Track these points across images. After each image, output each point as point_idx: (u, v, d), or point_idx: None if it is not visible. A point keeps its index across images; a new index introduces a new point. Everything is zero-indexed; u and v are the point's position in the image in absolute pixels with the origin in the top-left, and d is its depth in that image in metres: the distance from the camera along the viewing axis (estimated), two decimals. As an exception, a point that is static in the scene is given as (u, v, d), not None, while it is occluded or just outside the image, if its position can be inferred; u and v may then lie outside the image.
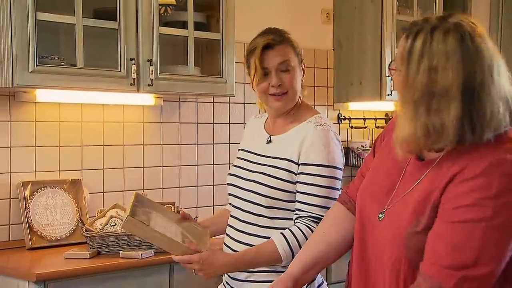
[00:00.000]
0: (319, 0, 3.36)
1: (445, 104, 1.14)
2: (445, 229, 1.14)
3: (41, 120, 2.51)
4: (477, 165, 1.14)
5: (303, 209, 1.66)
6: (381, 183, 1.31)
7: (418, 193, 1.21)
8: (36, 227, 2.38)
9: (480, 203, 1.11)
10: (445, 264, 1.12)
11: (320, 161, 1.66)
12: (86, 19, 2.30)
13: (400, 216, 1.22)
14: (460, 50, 1.14)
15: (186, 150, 2.91)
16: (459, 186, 1.15)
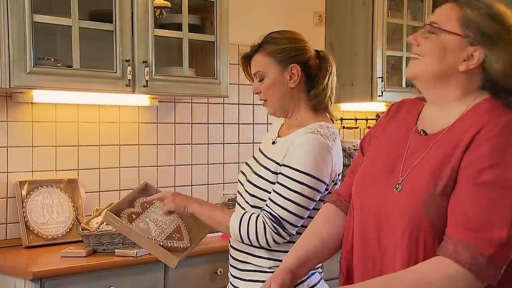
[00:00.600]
0: (312, 3, 3.40)
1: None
2: (473, 191, 1.14)
3: (38, 121, 2.52)
4: (495, 124, 1.17)
5: (267, 205, 1.66)
6: (381, 166, 1.31)
7: (432, 159, 1.22)
8: (33, 225, 2.40)
9: (504, 162, 1.13)
10: (480, 227, 1.12)
11: (296, 165, 1.64)
12: (82, 21, 2.31)
13: (416, 183, 1.22)
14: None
15: (180, 150, 2.93)
16: (480, 147, 1.16)
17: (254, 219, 1.67)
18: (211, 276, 2.43)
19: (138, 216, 1.90)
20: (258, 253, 1.71)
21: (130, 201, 1.94)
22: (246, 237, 1.67)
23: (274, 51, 1.73)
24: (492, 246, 1.11)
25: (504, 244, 1.11)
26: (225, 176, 3.08)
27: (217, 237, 2.55)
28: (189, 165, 2.97)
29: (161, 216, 1.90)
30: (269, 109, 1.79)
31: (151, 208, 1.94)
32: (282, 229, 1.64)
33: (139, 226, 1.86)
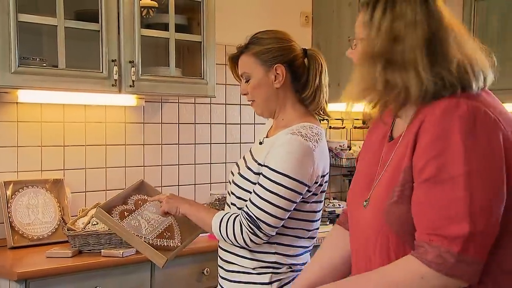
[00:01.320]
0: (298, 3, 3.41)
1: (408, 59, 1.14)
2: (423, 190, 1.11)
3: (23, 121, 2.51)
4: (431, 114, 1.12)
5: (246, 205, 1.66)
6: (362, 178, 1.31)
7: (390, 167, 1.20)
8: (18, 226, 2.38)
9: (444, 152, 1.08)
10: (439, 226, 1.08)
11: (273, 165, 1.63)
12: (68, 21, 2.30)
13: (377, 195, 1.21)
14: (425, 7, 1.18)
15: (167, 150, 2.92)
16: (422, 138, 1.12)
17: (232, 220, 1.67)
18: (198, 276, 2.43)
19: (130, 213, 1.90)
20: (241, 253, 1.71)
21: (124, 198, 1.95)
22: (226, 237, 1.68)
23: (259, 51, 1.72)
24: (458, 243, 1.07)
25: (470, 238, 1.07)
26: (212, 176, 3.08)
27: (205, 237, 2.55)
28: (176, 165, 2.96)
29: (154, 214, 1.91)
30: (256, 109, 1.79)
31: (145, 206, 1.95)
32: (258, 230, 1.63)
33: (130, 224, 1.86)
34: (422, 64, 1.14)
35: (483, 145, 1.09)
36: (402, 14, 1.15)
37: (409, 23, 1.15)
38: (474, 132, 1.09)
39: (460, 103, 1.11)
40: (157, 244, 1.85)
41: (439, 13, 1.18)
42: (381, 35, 1.16)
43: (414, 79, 1.14)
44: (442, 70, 1.14)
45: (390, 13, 1.16)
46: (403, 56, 1.14)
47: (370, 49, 1.17)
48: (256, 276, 1.69)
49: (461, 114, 1.10)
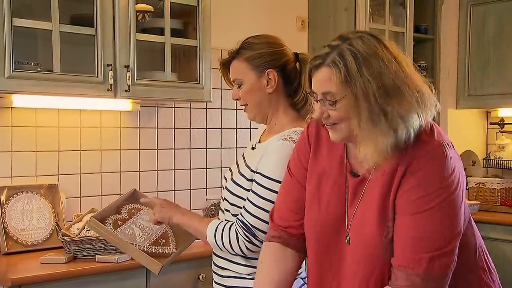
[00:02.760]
0: (295, 8, 3.41)
1: (400, 94, 1.19)
2: (406, 222, 1.21)
3: (18, 125, 2.49)
4: (421, 156, 1.22)
5: (241, 213, 1.66)
6: (335, 212, 1.33)
7: (372, 203, 1.26)
8: (12, 232, 2.36)
9: (431, 191, 1.20)
10: (413, 255, 1.19)
11: (266, 172, 1.63)
12: (63, 25, 2.29)
13: (365, 232, 1.26)
14: (381, 44, 1.22)
15: (163, 155, 2.91)
16: (410, 179, 1.22)
17: (227, 228, 1.66)
18: (194, 282, 2.42)
19: (124, 222, 1.89)
20: (236, 260, 1.71)
21: (117, 208, 1.94)
22: (222, 245, 1.67)
23: (250, 57, 1.71)
24: (422, 263, 1.18)
25: (435, 258, 1.18)
26: (208, 181, 3.07)
27: (200, 242, 2.53)
28: (172, 170, 2.95)
29: (148, 222, 1.90)
30: (249, 114, 1.78)
31: (138, 214, 1.94)
32: (254, 237, 1.63)
33: (124, 232, 1.86)
34: (412, 96, 1.20)
35: (452, 178, 1.21)
36: (371, 56, 1.19)
37: (383, 61, 1.19)
38: (448, 170, 1.21)
39: (438, 145, 1.22)
40: (152, 251, 1.84)
41: (391, 46, 1.24)
42: (370, 86, 1.18)
43: (414, 111, 1.20)
44: (424, 98, 1.22)
45: (363, 60, 1.19)
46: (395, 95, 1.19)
47: (369, 104, 1.18)
48: (250, 281, 1.68)
49: (439, 156, 1.21)
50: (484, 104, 3.93)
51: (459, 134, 3.92)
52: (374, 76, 1.18)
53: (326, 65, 1.22)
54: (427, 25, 3.81)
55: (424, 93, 1.22)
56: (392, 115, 1.18)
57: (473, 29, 3.92)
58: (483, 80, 3.87)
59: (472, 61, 3.91)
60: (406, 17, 3.49)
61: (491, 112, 4.10)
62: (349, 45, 1.21)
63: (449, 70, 3.94)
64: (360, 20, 3.25)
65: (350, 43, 1.21)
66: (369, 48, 1.20)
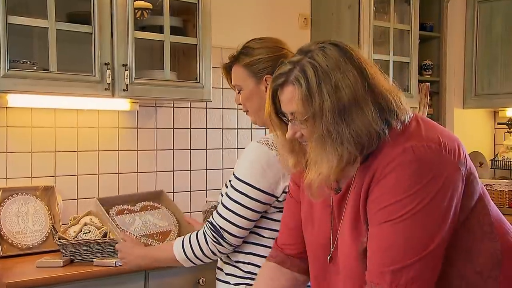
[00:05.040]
0: (297, 5, 3.38)
1: (358, 109, 1.15)
2: (372, 234, 1.17)
3: (13, 126, 2.48)
4: (386, 163, 1.15)
5: (212, 215, 1.65)
6: (321, 231, 1.32)
7: (348, 219, 1.23)
8: (7, 235, 2.34)
9: (396, 200, 1.13)
10: (378, 268, 1.14)
11: (238, 174, 1.62)
12: (59, 23, 2.27)
13: (345, 251, 1.24)
14: (343, 53, 1.18)
15: (162, 156, 2.90)
16: (375, 189, 1.17)
17: (194, 235, 1.66)
18: (193, 286, 2.40)
19: (130, 213, 1.93)
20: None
21: (135, 201, 1.98)
22: (193, 255, 1.65)
23: (249, 63, 1.70)
24: (385, 278, 1.12)
25: (398, 272, 1.11)
26: (208, 182, 3.05)
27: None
28: (171, 171, 2.93)
29: (157, 219, 1.93)
30: (251, 118, 1.78)
31: (152, 212, 1.97)
32: (222, 239, 1.62)
33: (123, 220, 1.88)
34: (372, 106, 1.16)
35: (427, 186, 1.13)
36: (331, 68, 1.16)
37: (342, 72, 1.16)
38: (420, 177, 1.13)
39: (405, 149, 1.14)
40: (140, 240, 1.86)
41: (359, 59, 1.19)
42: (327, 100, 1.15)
43: (372, 123, 1.16)
44: (388, 105, 1.18)
45: (322, 73, 1.15)
46: (354, 106, 1.15)
47: (324, 118, 1.15)
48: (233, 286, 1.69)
49: (409, 160, 1.13)
50: (492, 103, 3.91)
51: (466, 134, 3.89)
52: (331, 92, 1.14)
53: (289, 82, 1.19)
54: (433, 22, 3.78)
55: (390, 101, 1.18)
56: (342, 136, 1.15)
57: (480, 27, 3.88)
58: (491, 79, 3.84)
59: (479, 59, 3.88)
60: (411, 15, 3.46)
61: (499, 112, 4.08)
62: (310, 58, 1.18)
63: (456, 69, 3.91)
64: (364, 17, 3.21)
65: (311, 56, 1.18)
66: (330, 60, 1.16)
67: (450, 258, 1.19)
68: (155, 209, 1.98)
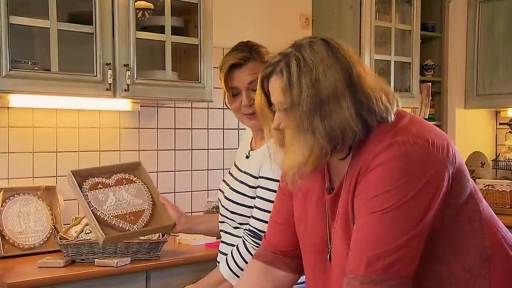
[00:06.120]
0: (298, 5, 3.38)
1: (336, 104, 1.16)
2: (357, 225, 1.17)
3: (14, 126, 2.48)
4: (370, 158, 1.16)
5: (249, 222, 1.65)
6: (317, 230, 1.31)
7: (341, 219, 1.23)
8: (9, 235, 2.33)
9: (380, 193, 1.13)
10: (355, 258, 1.14)
11: (268, 174, 1.61)
12: (60, 23, 2.26)
13: (337, 249, 1.23)
14: (330, 50, 1.19)
15: (163, 156, 2.89)
16: (360, 184, 1.17)
17: (235, 248, 1.65)
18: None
19: (104, 187, 1.89)
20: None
21: (109, 173, 1.94)
22: (238, 268, 1.64)
23: (266, 58, 1.65)
24: (361, 265, 1.11)
25: (373, 258, 1.11)
26: (210, 182, 3.04)
27: (202, 245, 2.51)
28: (172, 171, 2.93)
29: (131, 196, 1.90)
30: (259, 121, 1.69)
31: (126, 186, 1.92)
32: None
33: (96, 196, 1.85)
34: (350, 105, 1.17)
35: (412, 181, 1.13)
36: (315, 64, 1.18)
37: (324, 69, 1.17)
38: (406, 171, 1.13)
39: (391, 144, 1.15)
40: (111, 222, 1.84)
41: (343, 52, 1.21)
42: (304, 93, 1.17)
43: (349, 121, 1.17)
44: (369, 104, 1.18)
45: (304, 67, 1.18)
46: (331, 103, 1.17)
47: (300, 111, 1.18)
48: None
49: (393, 155, 1.14)
50: (493, 104, 3.89)
51: (468, 134, 3.88)
52: (310, 85, 1.16)
53: (275, 73, 1.22)
54: (434, 22, 3.77)
55: (371, 100, 1.18)
56: (315, 129, 1.16)
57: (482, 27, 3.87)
58: (492, 79, 3.82)
59: (481, 59, 3.87)
60: (412, 15, 3.45)
61: (501, 112, 4.06)
62: (297, 51, 1.20)
63: (457, 69, 3.90)
64: (366, 18, 3.20)
65: (299, 49, 1.21)
66: (315, 55, 1.19)
67: (439, 255, 1.19)
68: (130, 183, 1.93)
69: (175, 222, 1.92)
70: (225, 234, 1.78)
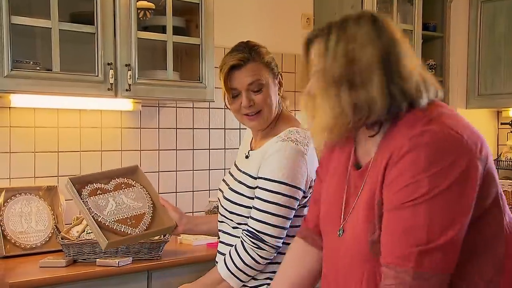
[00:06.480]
0: (299, 5, 3.37)
1: (368, 78, 1.17)
2: (391, 217, 1.15)
3: (16, 126, 2.47)
4: (402, 144, 1.15)
5: (247, 223, 1.65)
6: (333, 204, 1.32)
7: (364, 198, 1.22)
8: (10, 235, 2.33)
9: (414, 180, 1.12)
10: (400, 250, 1.12)
11: (269, 175, 1.61)
12: (62, 23, 2.26)
13: (356, 227, 1.23)
14: (374, 27, 1.21)
15: (165, 156, 2.89)
16: (392, 170, 1.16)
17: (233, 249, 1.66)
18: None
19: (103, 193, 1.89)
20: None
21: (108, 178, 1.94)
22: (236, 268, 1.65)
23: (268, 61, 1.70)
24: (411, 259, 1.10)
25: (423, 253, 1.10)
26: (211, 182, 3.04)
27: (203, 245, 2.51)
28: (174, 171, 2.92)
29: (131, 200, 1.90)
30: (259, 122, 1.72)
31: (125, 190, 1.93)
32: (262, 243, 1.61)
33: (96, 202, 1.85)
34: (381, 82, 1.17)
35: (446, 169, 1.11)
36: (354, 37, 1.20)
37: (362, 44, 1.19)
38: (439, 159, 1.12)
39: (424, 131, 1.14)
40: (112, 227, 1.84)
41: (389, 31, 1.23)
42: (338, 61, 1.20)
43: (376, 98, 1.18)
44: (401, 85, 1.18)
45: (343, 38, 1.21)
46: (361, 76, 1.18)
47: (330, 76, 1.20)
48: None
49: (426, 142, 1.13)
50: (495, 103, 3.88)
51: (469, 134, 3.86)
52: (345, 55, 1.19)
53: (317, 38, 1.26)
54: (436, 22, 3.76)
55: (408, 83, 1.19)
56: (345, 99, 1.18)
57: (483, 27, 3.86)
58: (494, 79, 3.82)
59: (483, 59, 3.86)
60: (414, 15, 3.45)
61: (502, 112, 4.06)
62: (342, 22, 1.23)
63: (459, 69, 3.89)
64: (367, 17, 3.19)
65: (344, 21, 1.24)
66: (358, 29, 1.21)
67: None
68: (129, 187, 1.94)
69: (177, 224, 1.92)
70: (224, 234, 1.78)
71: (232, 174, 1.79)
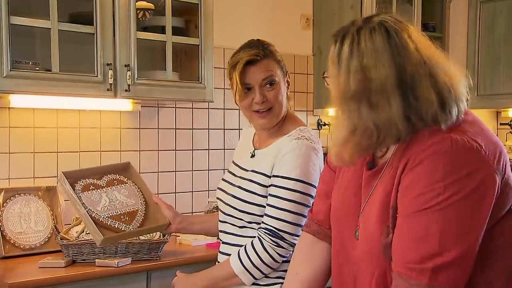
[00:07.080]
0: (299, 5, 3.37)
1: (384, 99, 1.13)
2: (404, 223, 1.13)
3: (15, 126, 2.47)
4: (421, 150, 1.12)
5: (263, 221, 1.65)
6: (349, 201, 1.30)
7: (376, 200, 1.20)
8: (9, 235, 2.33)
9: (430, 188, 1.10)
10: (413, 259, 1.10)
11: (286, 173, 1.63)
12: (61, 23, 2.26)
13: (368, 229, 1.21)
14: (388, 45, 1.15)
15: (164, 156, 2.89)
16: (408, 175, 1.14)
17: (250, 245, 1.65)
18: None
19: (96, 188, 1.89)
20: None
21: (100, 174, 1.94)
22: (252, 265, 1.64)
23: (278, 57, 1.72)
24: (426, 274, 1.09)
25: (438, 269, 1.08)
26: (210, 183, 3.03)
27: (203, 246, 2.51)
28: (173, 171, 2.92)
29: (124, 197, 1.91)
30: (270, 119, 1.72)
31: (118, 187, 1.93)
32: (282, 240, 1.62)
33: (89, 198, 1.85)
34: (397, 107, 1.13)
35: (463, 180, 1.09)
36: (367, 53, 1.15)
37: (376, 62, 1.15)
38: (456, 169, 1.10)
39: (444, 138, 1.12)
40: (106, 223, 1.83)
41: (405, 48, 1.16)
42: (352, 75, 1.16)
43: (393, 122, 1.14)
44: (417, 110, 1.14)
45: (356, 52, 1.16)
46: (377, 98, 1.14)
47: (345, 90, 1.17)
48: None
49: (445, 150, 1.10)
50: (494, 104, 3.88)
51: (468, 134, 3.86)
52: (360, 70, 1.15)
53: (334, 40, 1.22)
54: (435, 23, 3.76)
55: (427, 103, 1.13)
56: (365, 116, 1.14)
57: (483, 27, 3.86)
58: (493, 79, 3.82)
59: (482, 60, 3.86)
60: (413, 15, 3.44)
61: (501, 112, 4.05)
62: (357, 30, 1.18)
63: (458, 69, 3.88)
64: (366, 18, 3.19)
65: (359, 30, 1.18)
66: (371, 43, 1.16)
67: None
68: (121, 183, 1.93)
69: (170, 222, 1.93)
70: (227, 234, 1.77)
71: (234, 173, 1.78)
